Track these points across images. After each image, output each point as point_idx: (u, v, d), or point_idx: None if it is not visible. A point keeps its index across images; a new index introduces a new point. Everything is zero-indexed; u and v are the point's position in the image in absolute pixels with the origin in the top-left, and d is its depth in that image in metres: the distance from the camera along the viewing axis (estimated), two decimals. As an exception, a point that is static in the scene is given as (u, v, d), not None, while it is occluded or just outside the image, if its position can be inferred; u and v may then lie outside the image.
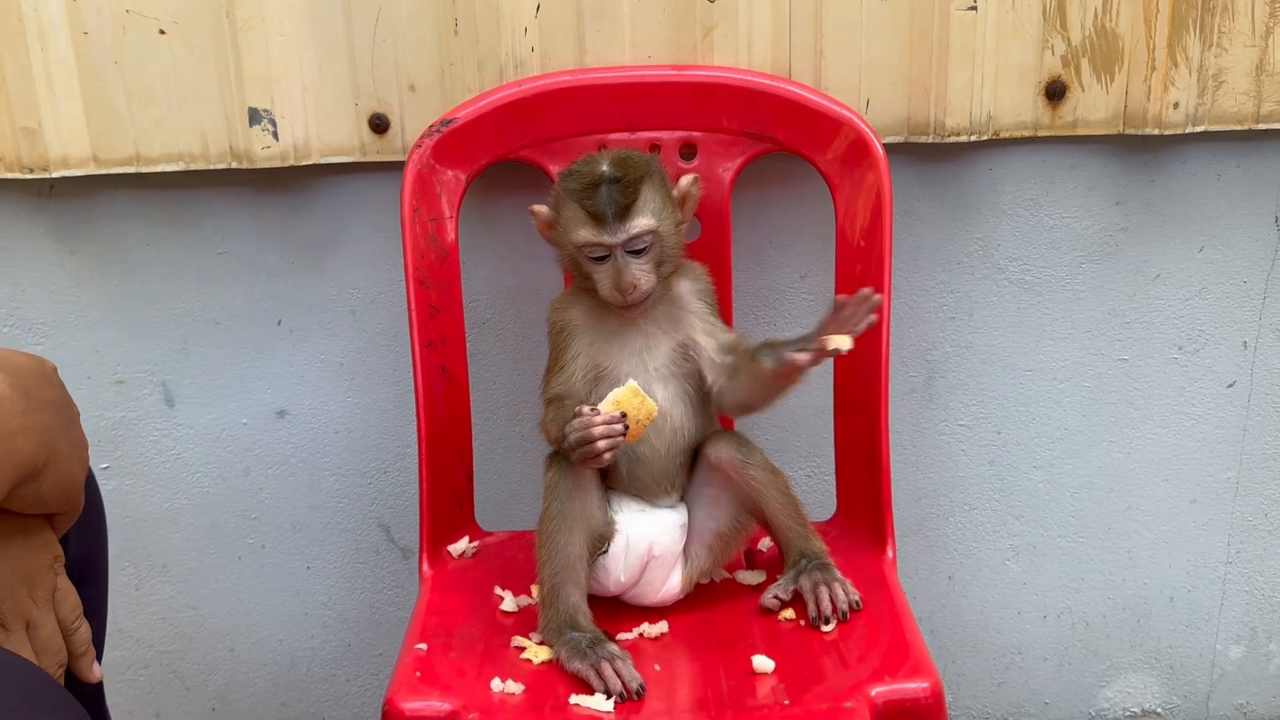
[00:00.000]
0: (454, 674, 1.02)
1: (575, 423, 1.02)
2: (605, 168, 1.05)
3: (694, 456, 1.14)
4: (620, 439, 1.02)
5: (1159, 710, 1.57)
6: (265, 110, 1.23)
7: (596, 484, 1.11)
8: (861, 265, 1.21)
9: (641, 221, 1.05)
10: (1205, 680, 1.56)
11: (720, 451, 1.12)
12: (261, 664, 1.49)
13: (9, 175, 1.24)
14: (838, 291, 1.24)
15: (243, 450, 1.40)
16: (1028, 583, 1.50)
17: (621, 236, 1.04)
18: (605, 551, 1.10)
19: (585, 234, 1.05)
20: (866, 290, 1.01)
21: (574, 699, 0.98)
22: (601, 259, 1.06)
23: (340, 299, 1.36)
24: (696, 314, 1.12)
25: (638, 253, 1.05)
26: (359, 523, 1.44)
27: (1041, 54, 1.26)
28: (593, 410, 1.02)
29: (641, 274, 1.05)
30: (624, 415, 1.02)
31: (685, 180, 1.10)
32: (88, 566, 0.86)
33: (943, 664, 1.01)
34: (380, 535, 1.45)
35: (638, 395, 1.03)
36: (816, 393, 1.37)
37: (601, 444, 1.01)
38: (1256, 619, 1.54)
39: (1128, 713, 1.56)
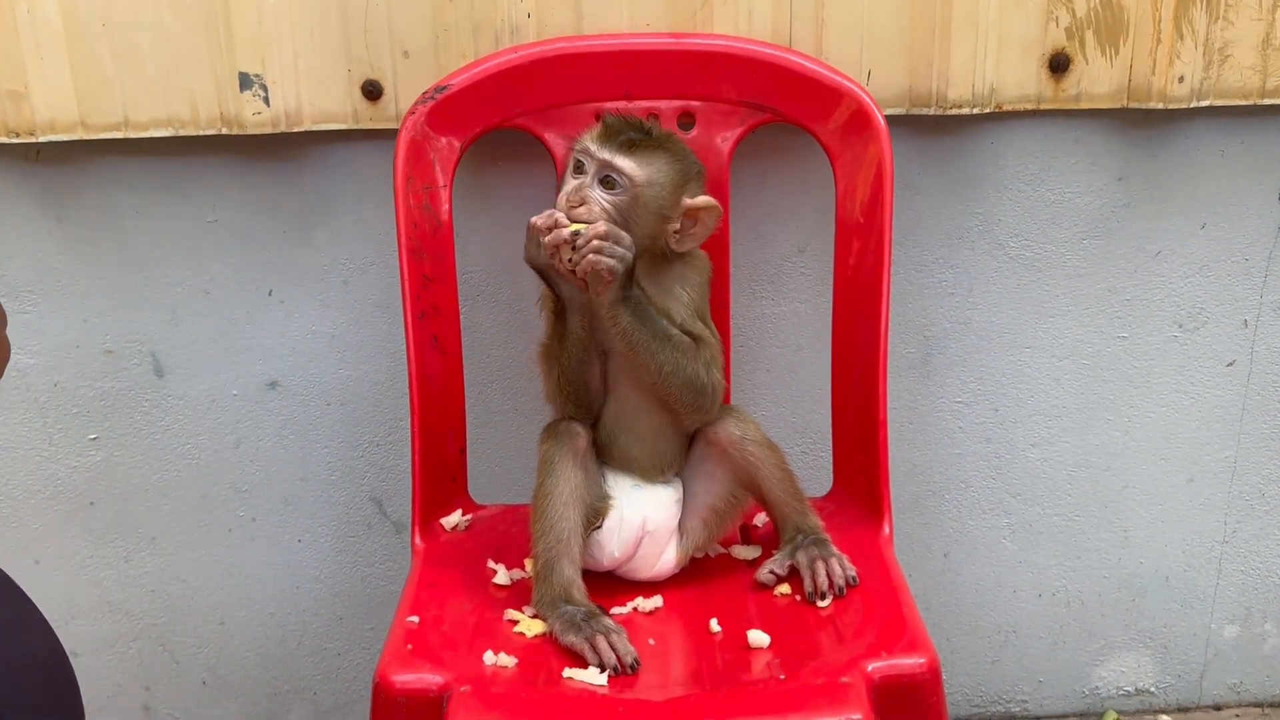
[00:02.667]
0: (446, 647, 1.01)
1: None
2: (651, 122, 1.07)
3: (690, 436, 1.13)
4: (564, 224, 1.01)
5: (1152, 689, 1.56)
6: (256, 75, 1.21)
7: (591, 459, 1.10)
8: (861, 240, 1.19)
9: (633, 163, 1.03)
10: (1199, 660, 1.55)
11: (717, 427, 1.11)
12: (252, 637, 1.48)
13: (-5, 139, 1.22)
14: (836, 267, 1.23)
15: (233, 422, 1.39)
16: (1023, 561, 1.50)
17: (605, 155, 1.03)
18: (599, 527, 1.09)
19: (583, 139, 1.05)
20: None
21: (567, 672, 0.98)
22: (579, 172, 1.05)
23: (332, 269, 1.34)
24: (679, 300, 1.09)
25: (609, 187, 1.03)
26: (351, 496, 1.43)
27: (1045, 25, 1.24)
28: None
29: (596, 203, 1.03)
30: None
31: (704, 200, 1.06)
32: None
33: (937, 642, 1.00)
34: (372, 509, 1.44)
35: None
36: (812, 368, 1.36)
37: (553, 234, 1.00)
38: (1252, 599, 1.53)
39: (1121, 691, 1.56)
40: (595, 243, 0.99)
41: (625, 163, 1.03)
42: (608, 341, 1.07)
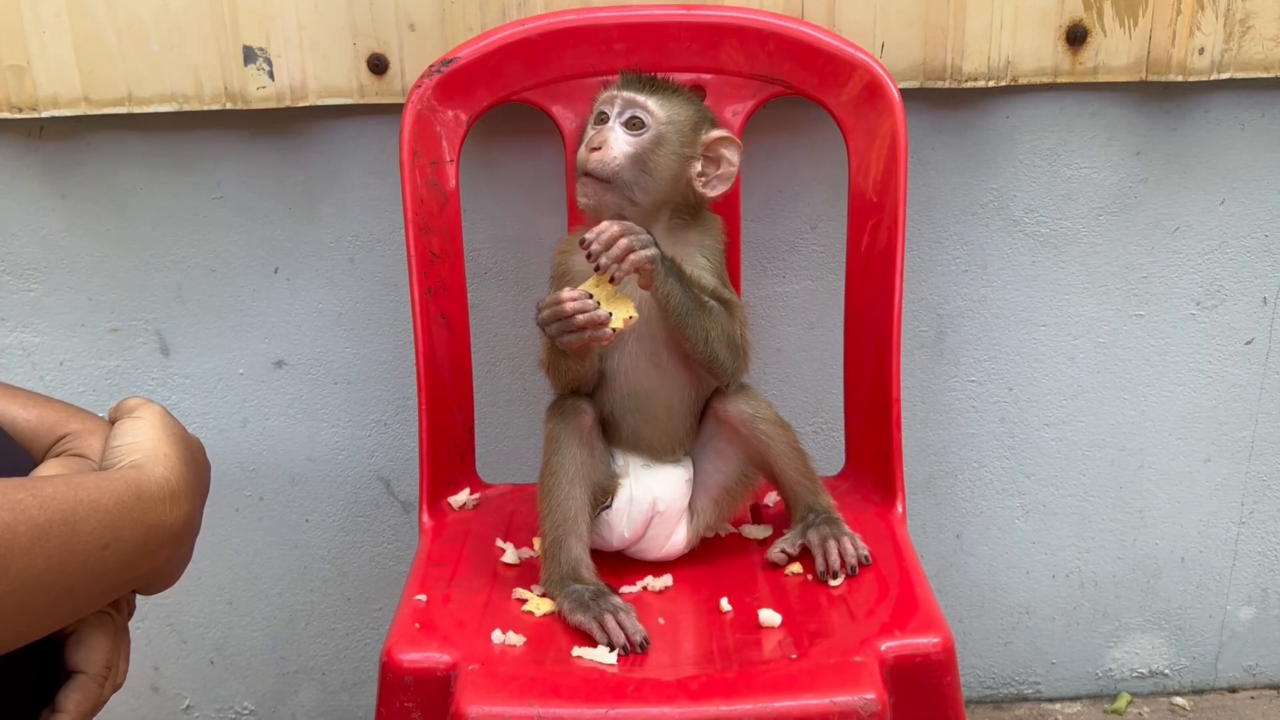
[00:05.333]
0: (454, 625, 1.00)
1: (544, 305, 0.99)
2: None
3: (700, 415, 1.11)
4: (599, 318, 0.96)
5: (1166, 671, 1.55)
6: (260, 49, 1.20)
7: (598, 437, 1.09)
8: (874, 216, 1.17)
9: (656, 101, 1.03)
10: (1214, 642, 1.54)
11: (729, 405, 1.09)
12: (260, 617, 1.47)
13: (-2, 115, 1.21)
14: (849, 243, 1.21)
15: (240, 401, 1.38)
16: (1037, 541, 1.48)
17: (629, 94, 1.04)
18: (608, 507, 1.08)
19: (605, 91, 1.06)
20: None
21: (576, 651, 0.96)
22: (600, 123, 1.04)
23: (338, 246, 1.33)
24: (703, 268, 1.08)
25: (633, 129, 1.03)
26: (358, 475, 1.42)
27: (1063, -4, 1.22)
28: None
29: (618, 145, 1.02)
30: (591, 296, 0.98)
31: (720, 131, 1.06)
32: None
33: (949, 623, 0.98)
34: (380, 488, 1.43)
35: (603, 284, 0.98)
36: (824, 346, 1.34)
37: (580, 318, 0.96)
38: (1268, 580, 1.52)
39: (1135, 673, 1.55)
40: (622, 242, 0.97)
41: (649, 100, 1.03)
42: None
